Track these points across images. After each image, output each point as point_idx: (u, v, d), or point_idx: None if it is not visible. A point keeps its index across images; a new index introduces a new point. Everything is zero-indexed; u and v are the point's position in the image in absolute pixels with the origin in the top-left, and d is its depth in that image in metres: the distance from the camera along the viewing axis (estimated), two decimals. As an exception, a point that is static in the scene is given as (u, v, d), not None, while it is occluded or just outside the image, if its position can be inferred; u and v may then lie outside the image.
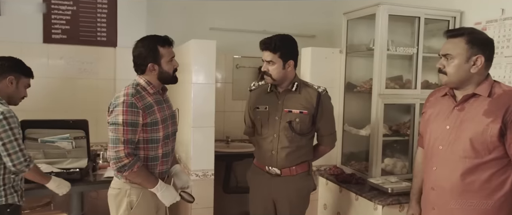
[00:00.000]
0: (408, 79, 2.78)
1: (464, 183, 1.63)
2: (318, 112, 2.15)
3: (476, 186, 1.62)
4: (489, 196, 1.61)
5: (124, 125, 1.85)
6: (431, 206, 1.76)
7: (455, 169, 1.65)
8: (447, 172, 1.68)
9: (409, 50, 2.63)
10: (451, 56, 1.65)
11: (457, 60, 1.64)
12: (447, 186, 1.68)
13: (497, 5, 2.48)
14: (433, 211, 1.75)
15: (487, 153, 1.59)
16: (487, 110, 1.60)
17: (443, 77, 1.70)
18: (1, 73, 2.09)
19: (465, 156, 1.62)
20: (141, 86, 1.98)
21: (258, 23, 4.05)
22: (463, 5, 2.70)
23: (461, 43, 1.64)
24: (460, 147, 1.64)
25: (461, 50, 1.63)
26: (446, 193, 1.68)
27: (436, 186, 1.73)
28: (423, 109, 1.93)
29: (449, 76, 1.66)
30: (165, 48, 1.96)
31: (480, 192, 1.62)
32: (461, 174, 1.63)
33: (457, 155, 1.64)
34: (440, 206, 1.72)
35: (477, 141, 1.60)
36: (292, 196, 2.20)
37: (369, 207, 2.37)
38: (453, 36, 1.68)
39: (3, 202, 2.00)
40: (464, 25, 2.68)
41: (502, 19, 2.46)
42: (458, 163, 1.64)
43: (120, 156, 1.84)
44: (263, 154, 2.22)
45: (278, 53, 2.09)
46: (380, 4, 2.52)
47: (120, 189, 1.99)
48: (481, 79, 1.67)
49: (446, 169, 1.68)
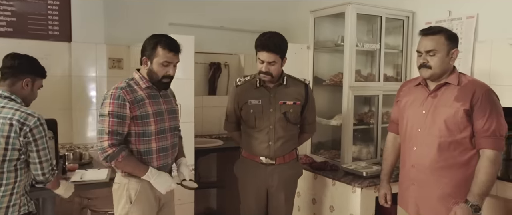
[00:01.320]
0: (370, 73, 3.05)
1: (441, 159, 1.88)
2: (307, 102, 2.30)
3: (450, 162, 1.88)
4: (459, 170, 1.88)
5: (110, 116, 1.88)
6: (411, 182, 1.99)
7: (433, 147, 1.89)
8: (426, 151, 1.92)
9: (374, 46, 2.89)
10: (435, 51, 1.88)
11: (440, 54, 1.88)
12: (427, 163, 1.92)
13: (444, 7, 2.84)
14: (413, 186, 1.99)
15: (458, 132, 1.85)
16: (458, 96, 1.86)
17: (426, 71, 1.92)
18: (17, 74, 1.93)
19: (440, 136, 1.87)
20: (135, 80, 2.01)
21: (217, 19, 4.09)
22: (414, 6, 3.03)
23: (442, 39, 1.88)
24: (436, 128, 1.89)
25: (442, 45, 1.88)
26: (426, 169, 1.93)
27: (416, 164, 1.96)
28: (397, 98, 2.16)
29: (434, 69, 1.90)
30: (164, 51, 1.95)
31: (453, 166, 1.88)
32: (438, 151, 1.88)
33: (434, 136, 1.89)
34: (420, 181, 1.96)
35: (450, 123, 1.86)
36: (286, 182, 2.34)
37: (347, 190, 2.58)
38: (433, 34, 1.91)
39: (26, 210, 1.92)
40: (417, 24, 3.02)
41: (449, 19, 2.82)
42: (435, 142, 1.89)
43: (104, 146, 1.87)
44: (258, 145, 2.31)
45: (279, 53, 2.19)
46: (349, 4, 2.73)
47: (119, 183, 2.00)
48: (451, 70, 1.93)
49: (425, 149, 1.92)
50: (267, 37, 2.21)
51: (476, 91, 1.84)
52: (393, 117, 2.19)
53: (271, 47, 2.18)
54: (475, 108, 1.82)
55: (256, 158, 2.33)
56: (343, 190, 2.61)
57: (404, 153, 2.06)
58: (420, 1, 3.00)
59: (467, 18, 2.71)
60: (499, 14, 2.51)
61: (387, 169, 2.21)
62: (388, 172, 2.21)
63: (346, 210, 2.59)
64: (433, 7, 2.92)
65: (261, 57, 2.22)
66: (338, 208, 2.66)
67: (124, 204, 1.97)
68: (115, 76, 3.84)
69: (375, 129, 2.98)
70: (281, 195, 2.34)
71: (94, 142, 3.38)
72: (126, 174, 1.97)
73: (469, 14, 2.70)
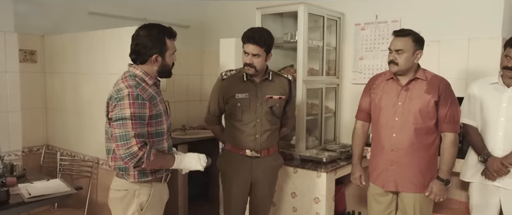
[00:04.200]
0: (311, 68, 3.32)
1: (416, 142, 2.25)
2: (290, 97, 2.42)
3: (422, 144, 2.26)
4: (429, 149, 2.28)
5: (132, 118, 1.72)
6: (390, 163, 2.32)
7: (410, 133, 2.25)
8: (404, 136, 2.26)
9: (319, 43, 3.17)
10: (402, 51, 2.22)
11: (407, 53, 2.22)
12: (405, 146, 2.26)
13: (371, 11, 3.30)
14: (392, 166, 2.32)
15: (429, 119, 2.24)
16: (427, 89, 2.25)
17: (394, 67, 2.25)
18: None
19: (416, 123, 2.24)
20: (140, 77, 1.85)
21: (139, 10, 3.83)
22: (344, 9, 3.42)
23: (409, 41, 2.23)
24: (411, 117, 2.25)
25: (409, 46, 2.22)
26: (404, 151, 2.27)
27: (395, 148, 2.29)
28: (370, 91, 2.44)
29: (400, 66, 2.23)
30: (171, 41, 1.90)
31: (424, 147, 2.27)
32: (414, 136, 2.24)
33: (411, 123, 2.25)
34: (398, 161, 2.29)
35: (423, 112, 2.23)
36: (270, 174, 2.44)
37: (311, 176, 2.80)
38: (403, 35, 2.26)
39: None
40: (346, 25, 3.43)
41: (377, 22, 3.29)
42: (411, 129, 2.25)
43: (133, 151, 1.71)
44: (244, 138, 2.33)
45: (264, 47, 2.24)
46: (302, 3, 2.93)
47: (127, 190, 1.85)
48: (416, 67, 2.32)
49: (404, 135, 2.26)
50: (255, 30, 2.29)
51: (441, 85, 2.24)
52: (363, 107, 2.48)
53: (257, 39, 2.24)
54: (441, 99, 2.22)
55: (241, 151, 2.36)
56: (307, 176, 2.82)
57: (383, 139, 2.34)
58: (349, 4, 3.40)
59: (392, 21, 3.21)
60: (419, 19, 3.03)
61: (359, 153, 2.50)
62: (360, 156, 2.50)
63: (310, 194, 2.81)
64: (362, 11, 3.35)
65: (246, 49, 2.27)
66: (301, 194, 2.86)
67: (134, 212, 1.83)
68: (29, 71, 3.29)
69: (319, 119, 3.27)
70: (266, 186, 2.43)
71: (16, 149, 2.87)
72: (137, 180, 1.84)
73: (394, 18, 3.20)
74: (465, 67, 2.90)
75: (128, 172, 1.87)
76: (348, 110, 3.48)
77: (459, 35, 2.91)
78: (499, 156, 2.38)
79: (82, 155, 3.26)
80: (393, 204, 2.41)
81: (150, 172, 1.89)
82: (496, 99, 2.41)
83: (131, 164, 1.72)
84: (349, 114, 3.48)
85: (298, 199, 2.89)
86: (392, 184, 2.32)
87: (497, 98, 2.41)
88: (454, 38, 2.93)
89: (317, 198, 2.79)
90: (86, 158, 3.16)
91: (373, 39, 3.31)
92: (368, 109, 2.45)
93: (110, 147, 1.89)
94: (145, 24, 1.88)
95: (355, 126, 2.55)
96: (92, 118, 3.15)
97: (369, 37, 3.32)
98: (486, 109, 2.45)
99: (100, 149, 3.02)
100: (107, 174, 3.03)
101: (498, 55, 2.81)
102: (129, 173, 1.87)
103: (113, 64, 2.94)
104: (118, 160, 1.85)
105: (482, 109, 2.46)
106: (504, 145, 2.37)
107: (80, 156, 3.26)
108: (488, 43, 2.83)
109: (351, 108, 3.46)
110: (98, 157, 3.09)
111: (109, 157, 1.91)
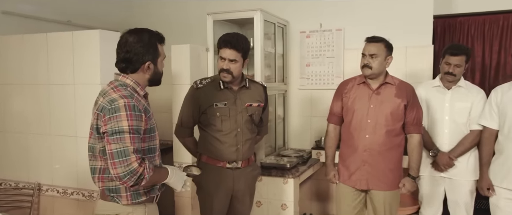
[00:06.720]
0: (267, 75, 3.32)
1: (387, 143, 2.40)
2: (266, 105, 2.38)
3: (392, 144, 2.42)
4: (397, 150, 2.45)
5: (131, 131, 1.55)
6: (363, 163, 2.43)
7: (382, 134, 2.39)
8: (377, 137, 2.40)
9: (272, 49, 3.19)
10: (376, 56, 2.36)
11: (380, 58, 2.37)
12: (377, 147, 2.40)
13: (316, 20, 3.45)
14: (365, 166, 2.43)
15: (398, 121, 2.42)
16: (396, 94, 2.42)
17: (367, 70, 2.38)
18: None
19: (386, 125, 2.39)
20: (131, 87, 1.67)
21: (63, 12, 3.41)
22: (288, 17, 3.51)
23: (382, 46, 2.39)
24: (383, 119, 2.39)
25: (382, 51, 2.38)
26: (377, 152, 2.40)
27: (369, 149, 2.41)
28: (341, 95, 2.52)
29: (373, 70, 2.37)
30: (161, 46, 1.75)
31: (394, 148, 2.43)
32: (385, 137, 2.39)
33: (382, 125, 2.39)
34: (370, 161, 2.41)
35: (394, 114, 2.40)
36: (250, 184, 2.35)
37: (278, 183, 2.79)
38: (376, 41, 2.40)
39: None
40: (291, 32, 3.52)
41: (321, 30, 3.44)
42: (383, 130, 2.39)
43: (133, 168, 1.52)
44: (225, 149, 2.22)
45: (241, 52, 2.16)
46: (259, 10, 2.92)
47: (118, 214, 1.66)
48: (385, 73, 2.48)
49: (376, 136, 2.39)
50: (231, 35, 2.21)
51: (409, 90, 2.44)
52: (335, 111, 2.55)
53: (234, 43, 2.16)
54: (409, 103, 2.41)
55: (220, 163, 2.24)
56: (273, 183, 2.81)
57: (356, 140, 2.43)
58: (294, 13, 3.50)
59: (336, 30, 3.40)
60: (361, 28, 3.25)
61: (332, 155, 2.57)
62: (332, 157, 2.58)
63: (277, 202, 2.80)
64: (306, 19, 3.47)
65: (223, 54, 2.17)
66: (266, 202, 2.83)
67: None
68: None
69: (273, 126, 3.28)
70: (247, 198, 2.34)
71: None
72: (130, 202, 1.66)
73: (338, 27, 3.39)
74: (404, 71, 3.20)
75: (119, 194, 1.66)
76: (296, 116, 3.57)
77: (397, 44, 3.16)
78: (446, 150, 2.67)
79: (14, 182, 2.76)
80: (361, 202, 2.53)
81: (143, 192, 1.70)
82: (440, 100, 2.71)
83: (130, 183, 1.53)
84: (297, 119, 3.58)
85: (264, 208, 2.85)
86: (364, 183, 2.44)
87: (441, 99, 2.71)
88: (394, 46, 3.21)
89: (284, 204, 2.79)
90: (20, 185, 2.67)
91: (318, 46, 3.46)
92: (340, 113, 2.54)
93: (96, 165, 1.67)
94: (132, 29, 1.70)
95: (327, 129, 2.62)
96: (27, 136, 2.70)
97: (315, 45, 3.46)
98: (432, 110, 2.73)
99: (42, 172, 2.61)
100: (54, 202, 2.61)
101: (431, 60, 3.19)
102: (121, 194, 1.66)
103: (58, 73, 2.59)
104: (107, 181, 1.64)
105: (429, 110, 2.74)
106: (450, 140, 2.68)
107: (11, 183, 2.76)
108: (421, 51, 3.18)
109: (299, 114, 3.57)
110: (39, 182, 2.63)
111: (95, 177, 1.69)
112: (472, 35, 3.48)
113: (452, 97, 2.68)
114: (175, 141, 2.75)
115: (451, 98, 2.69)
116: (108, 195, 1.68)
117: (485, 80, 3.47)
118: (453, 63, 2.59)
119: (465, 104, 2.64)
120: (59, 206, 2.56)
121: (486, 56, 3.46)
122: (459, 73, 2.62)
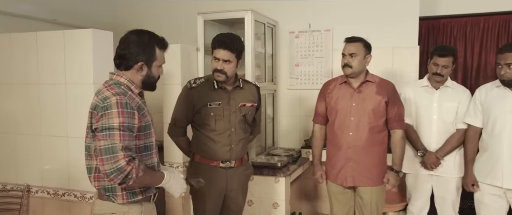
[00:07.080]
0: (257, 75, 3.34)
1: (370, 139, 2.45)
2: (259, 105, 2.40)
3: (375, 141, 2.48)
4: (380, 146, 2.51)
5: (121, 129, 1.55)
6: (348, 160, 2.48)
7: (365, 131, 2.45)
8: (360, 134, 2.45)
9: (262, 50, 3.21)
10: (355, 55, 2.42)
11: (359, 57, 2.43)
12: (361, 144, 2.45)
13: (305, 20, 3.49)
14: (349, 163, 2.48)
15: (380, 118, 2.48)
16: (377, 91, 2.48)
17: (348, 69, 2.43)
18: None
19: (369, 122, 2.45)
20: (125, 85, 1.68)
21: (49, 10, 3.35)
22: (278, 17, 3.54)
23: (361, 45, 2.45)
24: (365, 116, 2.45)
25: (361, 50, 2.44)
26: (360, 148, 2.45)
27: (352, 146, 2.46)
28: (324, 95, 2.58)
29: (354, 68, 2.42)
30: (161, 51, 1.75)
31: (377, 144, 2.49)
32: (368, 134, 2.45)
33: (365, 122, 2.45)
34: (354, 158, 2.46)
35: (375, 111, 2.46)
36: (244, 184, 2.37)
37: (269, 182, 2.81)
38: (354, 41, 2.46)
39: None
40: (280, 32, 3.55)
41: (310, 31, 3.49)
42: (366, 127, 2.45)
43: (120, 166, 1.52)
44: (219, 149, 2.23)
45: (236, 53, 2.18)
46: (249, 10, 2.94)
47: (114, 214, 1.66)
48: (366, 71, 2.54)
49: (359, 133, 2.45)
50: (225, 35, 2.22)
51: (389, 88, 2.50)
52: (320, 111, 2.60)
53: (228, 44, 2.18)
54: (390, 100, 2.47)
55: (213, 163, 2.25)
56: (264, 182, 2.83)
57: (340, 138, 2.49)
58: (284, 13, 3.53)
59: (325, 30, 3.45)
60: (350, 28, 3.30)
61: (318, 154, 2.62)
62: (319, 157, 2.62)
63: (269, 200, 2.82)
64: (295, 19, 3.51)
65: (217, 54, 2.19)
66: (258, 201, 2.85)
67: None
68: None
69: (263, 125, 3.30)
70: (240, 198, 2.36)
71: None
72: (126, 201, 1.66)
73: (326, 28, 3.44)
74: (391, 71, 3.27)
75: (115, 193, 1.66)
76: (285, 116, 3.60)
77: (385, 44, 3.27)
78: (433, 149, 2.75)
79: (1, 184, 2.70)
80: (351, 200, 2.58)
81: (139, 190, 1.70)
82: (428, 100, 2.78)
83: (117, 181, 1.52)
84: (286, 119, 3.61)
85: (255, 206, 2.87)
86: (350, 180, 2.49)
87: (429, 99, 2.78)
88: (381, 46, 3.27)
89: (276, 203, 2.82)
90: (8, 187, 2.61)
91: (307, 46, 3.50)
92: (324, 113, 2.59)
93: (92, 165, 1.67)
94: (136, 30, 1.71)
95: (313, 129, 2.66)
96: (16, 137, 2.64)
97: (304, 45, 3.50)
98: (420, 109, 2.80)
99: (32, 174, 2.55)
100: (44, 204, 2.56)
101: (417, 61, 3.27)
102: (116, 193, 1.66)
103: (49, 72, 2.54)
104: (103, 180, 1.64)
105: (417, 109, 2.81)
106: (437, 139, 2.75)
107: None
108: (407, 51, 3.26)
109: (288, 113, 3.61)
110: (28, 183, 2.58)
111: (91, 177, 1.69)
112: (455, 36, 3.59)
113: (440, 97, 2.76)
114: (166, 141, 2.75)
115: (439, 98, 2.76)
116: (104, 195, 1.67)
117: (467, 80, 3.58)
118: (441, 64, 2.67)
119: (452, 103, 2.72)
120: (50, 208, 2.52)
121: (468, 57, 3.57)
122: (446, 74, 2.70)
